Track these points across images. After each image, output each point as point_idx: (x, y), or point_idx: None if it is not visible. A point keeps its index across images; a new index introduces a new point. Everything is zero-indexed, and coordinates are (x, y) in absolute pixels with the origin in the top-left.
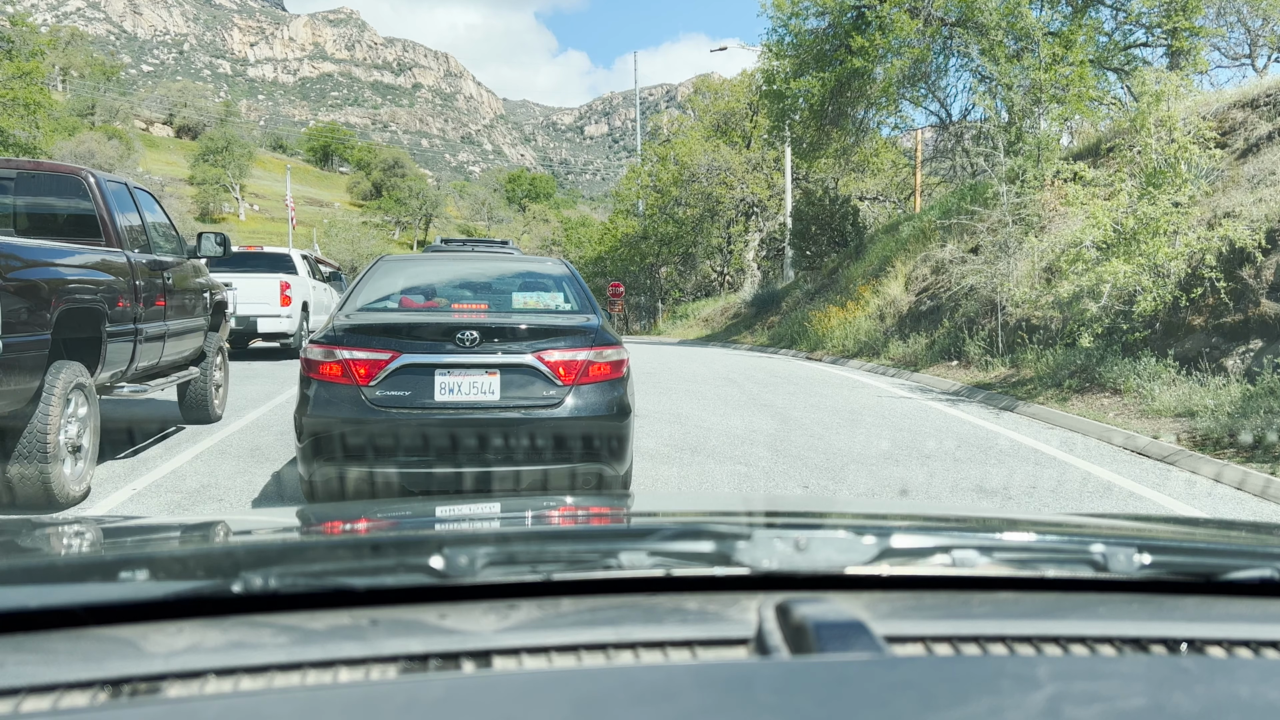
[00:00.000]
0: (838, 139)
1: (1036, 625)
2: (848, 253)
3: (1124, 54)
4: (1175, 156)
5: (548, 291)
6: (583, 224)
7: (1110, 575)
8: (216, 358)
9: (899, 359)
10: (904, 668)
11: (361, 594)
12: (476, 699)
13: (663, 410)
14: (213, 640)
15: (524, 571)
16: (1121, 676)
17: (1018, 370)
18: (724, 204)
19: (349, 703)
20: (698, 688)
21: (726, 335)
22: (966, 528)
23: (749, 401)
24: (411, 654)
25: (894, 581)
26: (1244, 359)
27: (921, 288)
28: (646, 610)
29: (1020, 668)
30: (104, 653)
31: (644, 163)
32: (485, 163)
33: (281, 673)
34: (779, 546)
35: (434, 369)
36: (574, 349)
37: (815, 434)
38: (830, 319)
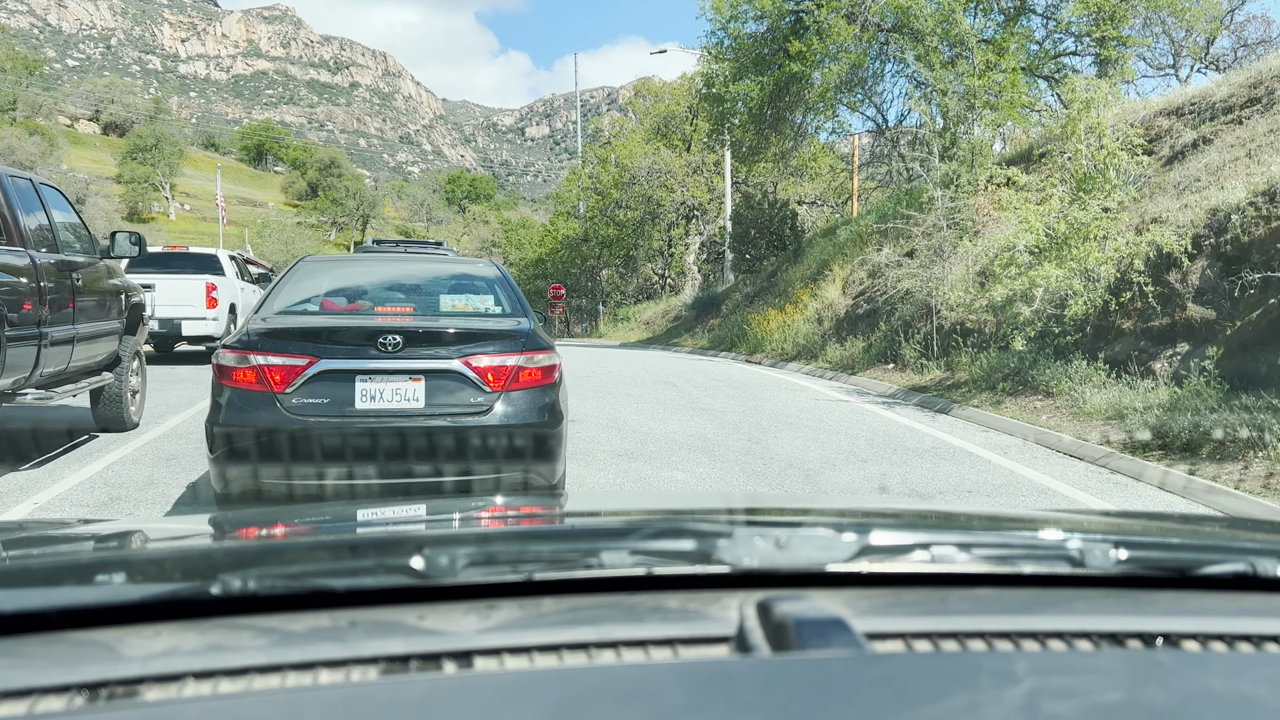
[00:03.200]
0: (776, 143)
1: (1014, 621)
2: (786, 256)
3: (1054, 62)
4: (1104, 163)
5: (478, 294)
6: (523, 226)
7: (1087, 571)
8: (133, 362)
9: (836, 362)
10: (884, 664)
11: (341, 595)
12: (458, 699)
13: (600, 415)
14: (191, 643)
15: (505, 571)
16: (1098, 671)
17: (953, 373)
18: (664, 207)
19: (330, 704)
20: (679, 686)
21: (667, 338)
22: (946, 525)
23: (688, 406)
24: (392, 655)
25: (874, 579)
26: (1171, 362)
27: (858, 291)
28: (628, 609)
29: (998, 663)
30: (80, 656)
31: (585, 165)
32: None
33: (261, 675)
34: (760, 544)
35: (354, 375)
36: (503, 354)
37: (753, 438)
38: (769, 322)
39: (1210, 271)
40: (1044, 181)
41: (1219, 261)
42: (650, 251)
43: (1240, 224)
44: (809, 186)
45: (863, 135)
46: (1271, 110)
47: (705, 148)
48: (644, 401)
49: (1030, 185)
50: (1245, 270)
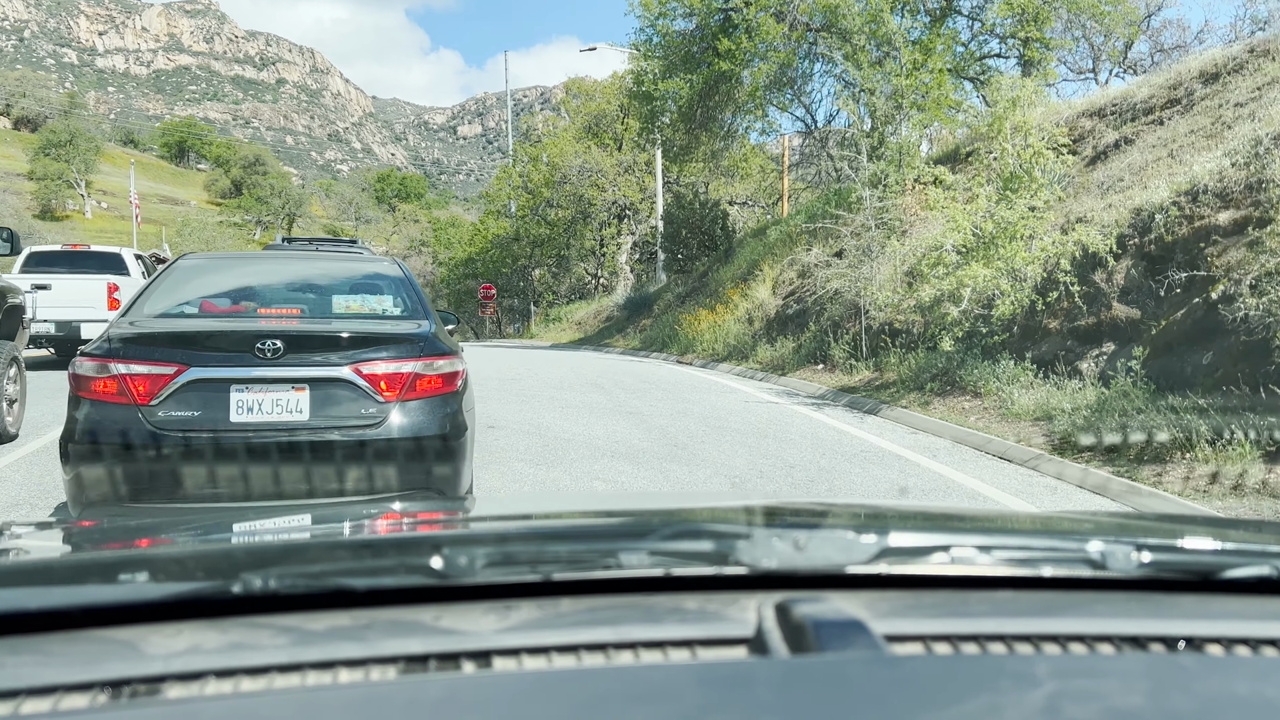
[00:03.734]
0: (707, 142)
1: (1035, 624)
2: (718, 256)
3: (979, 64)
4: (1030, 162)
5: (376, 295)
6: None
7: (1108, 574)
8: (9, 369)
9: (767, 362)
10: (903, 666)
11: (361, 595)
12: (477, 699)
13: (522, 420)
14: (212, 641)
15: (523, 571)
16: (1120, 674)
17: (881, 374)
18: (596, 206)
19: (349, 703)
20: (698, 687)
21: (599, 338)
22: (965, 527)
23: (615, 409)
24: (411, 654)
25: (893, 580)
26: (1098, 362)
27: (788, 291)
28: (646, 610)
29: (1019, 666)
30: (103, 654)
31: (515, 163)
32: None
33: (281, 674)
34: (778, 546)
35: (229, 385)
36: (399, 360)
37: (680, 443)
38: (700, 322)
39: (1135, 271)
40: (971, 181)
41: (1144, 261)
42: (583, 251)
43: (1164, 224)
44: (740, 187)
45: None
46: (1191, 111)
47: (636, 147)
48: (569, 405)
49: (957, 184)
50: (1170, 270)
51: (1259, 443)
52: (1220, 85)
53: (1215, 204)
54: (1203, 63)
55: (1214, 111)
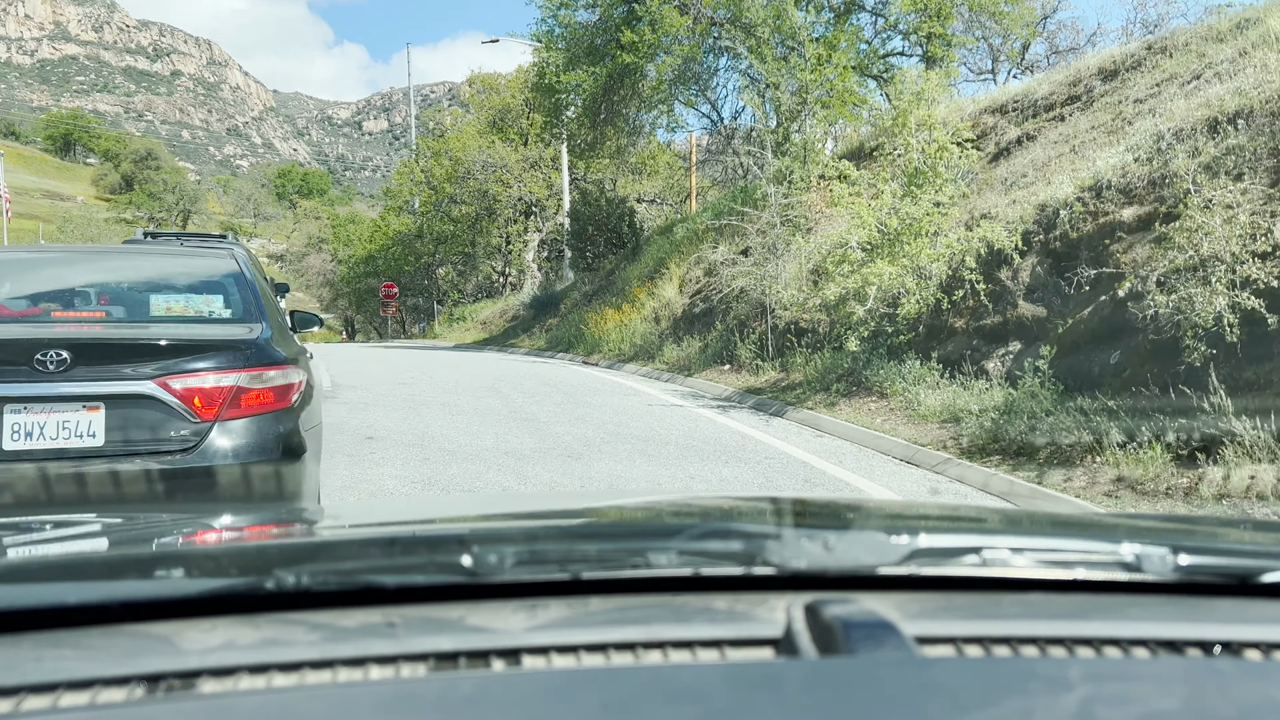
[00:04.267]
0: (612, 138)
1: (1068, 626)
2: (625, 254)
3: (883, 61)
4: (935, 156)
5: (204, 295)
6: (352, 221)
7: (1144, 577)
8: None
9: (673, 363)
10: (934, 668)
11: (392, 592)
12: (506, 697)
13: (405, 430)
14: (246, 637)
15: (552, 570)
16: (1155, 678)
17: (788, 374)
18: (501, 202)
19: (380, 700)
20: (726, 687)
21: (504, 339)
22: (997, 528)
23: (510, 415)
24: (441, 652)
25: (924, 582)
26: (1004, 361)
27: (695, 290)
28: (675, 609)
29: (1052, 669)
30: (140, 649)
31: (418, 158)
32: (255, 157)
33: (313, 670)
34: (808, 546)
35: (1, 404)
36: (219, 371)
37: (574, 453)
38: (606, 322)
39: (1040, 268)
40: (876, 176)
41: (1049, 258)
42: (489, 249)
43: (1069, 220)
44: (648, 184)
45: (700, 134)
46: (1092, 107)
47: (541, 142)
48: (461, 412)
49: (862, 179)
50: (1079, 267)
51: (1170, 446)
52: (1119, 82)
53: (1119, 200)
54: (1101, 60)
55: (1114, 108)
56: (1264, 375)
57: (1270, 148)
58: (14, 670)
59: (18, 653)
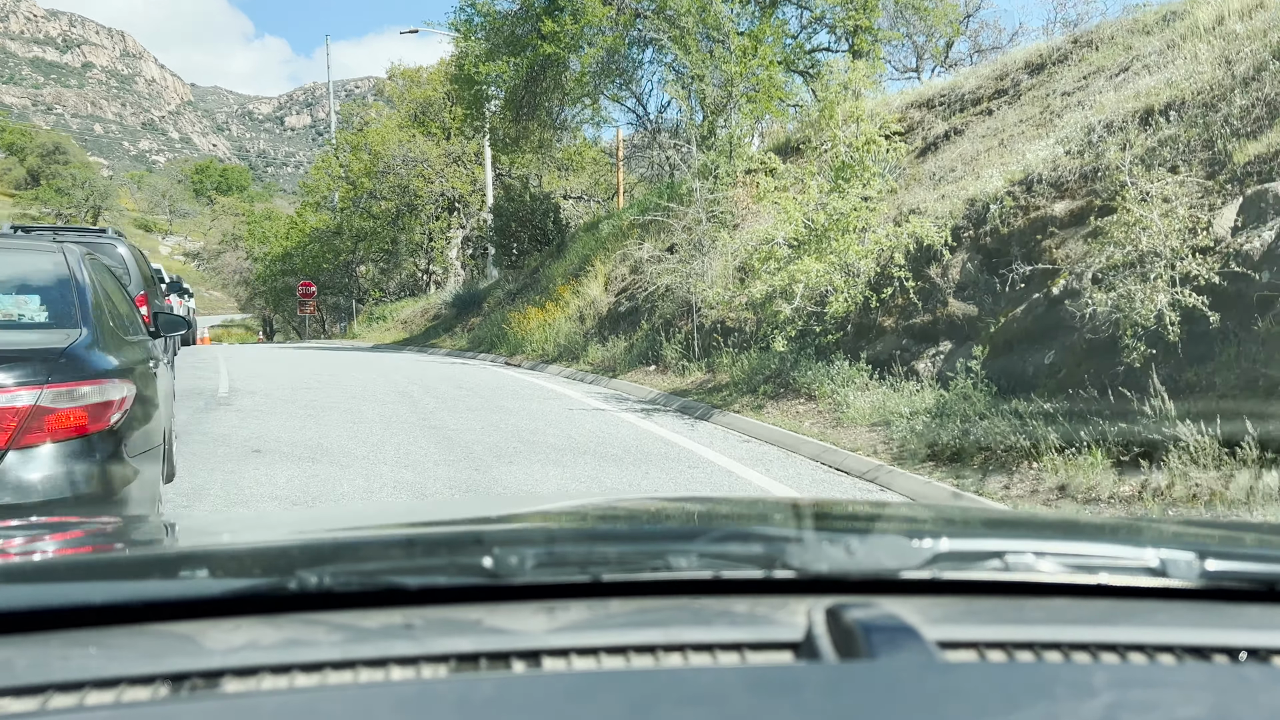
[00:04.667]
0: (535, 132)
1: (1092, 632)
2: (550, 252)
3: (809, 57)
4: (862, 149)
5: (11, 296)
6: (268, 217)
7: (1170, 582)
8: None
9: (598, 364)
10: (956, 673)
11: (413, 593)
12: (527, 698)
13: (300, 441)
14: (269, 637)
15: (573, 572)
16: (1181, 685)
17: (714, 375)
18: (423, 198)
19: (402, 700)
20: (746, 690)
21: (425, 339)
22: (1020, 532)
23: (418, 424)
24: (462, 653)
25: (946, 586)
26: (935, 362)
27: (621, 288)
28: (695, 612)
29: (1076, 675)
30: (165, 648)
31: (337, 152)
32: (172, 152)
33: (335, 670)
34: (829, 550)
35: None
36: (13, 387)
37: (483, 466)
38: (530, 321)
39: (971, 265)
40: (803, 171)
41: (980, 254)
42: (411, 246)
43: (999, 214)
44: (575, 181)
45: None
46: (1019, 101)
47: (463, 136)
48: (364, 420)
49: (788, 173)
50: (1010, 263)
51: (1111, 451)
52: (1046, 76)
53: (1050, 194)
54: (1028, 54)
55: (1042, 101)
56: (1205, 376)
57: (1204, 139)
58: (42, 669)
59: (45, 651)
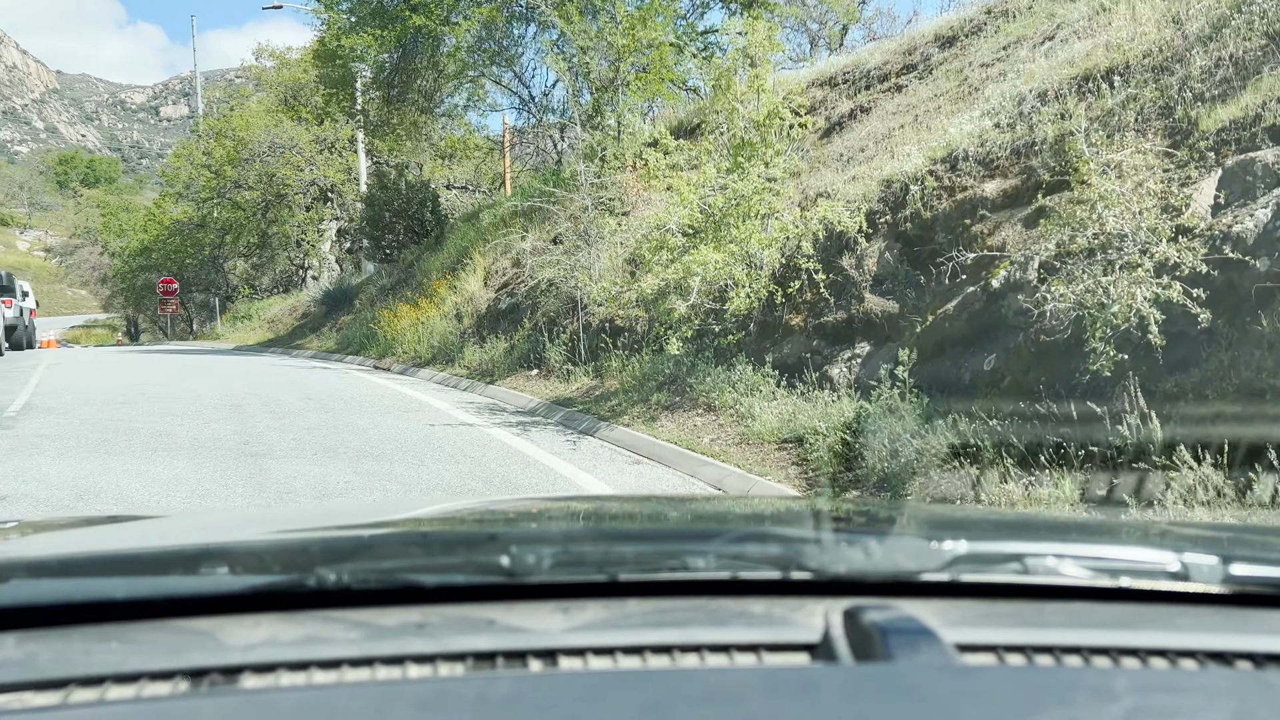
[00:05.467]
0: (408, 115)
1: (1113, 636)
2: (428, 244)
3: (702, 39)
4: (765, 123)
5: None
6: (125, 209)
7: (1192, 586)
8: None
9: (475, 367)
10: (974, 676)
11: (430, 591)
12: (544, 697)
13: (70, 482)
14: (287, 633)
15: (590, 572)
16: (1203, 690)
17: (603, 381)
18: (292, 187)
19: (419, 698)
20: (763, 691)
21: (291, 339)
22: (1041, 535)
23: (236, 452)
24: (479, 651)
25: (965, 589)
26: (851, 367)
27: (502, 283)
28: (712, 613)
29: (1096, 679)
30: (184, 644)
31: (201, 138)
32: (36, 142)
33: (353, 667)
34: (847, 551)
35: None
36: None
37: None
38: (401, 320)
39: (890, 255)
40: (698, 149)
41: (899, 242)
42: (284, 239)
43: (920, 196)
44: (460, 170)
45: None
46: (931, 75)
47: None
48: (171, 448)
49: (681, 150)
50: (935, 252)
51: (1081, 481)
52: (959, 49)
53: (979, 172)
54: (938, 26)
55: (957, 74)
56: (1190, 386)
57: (1160, 105)
58: (64, 662)
59: (68, 645)
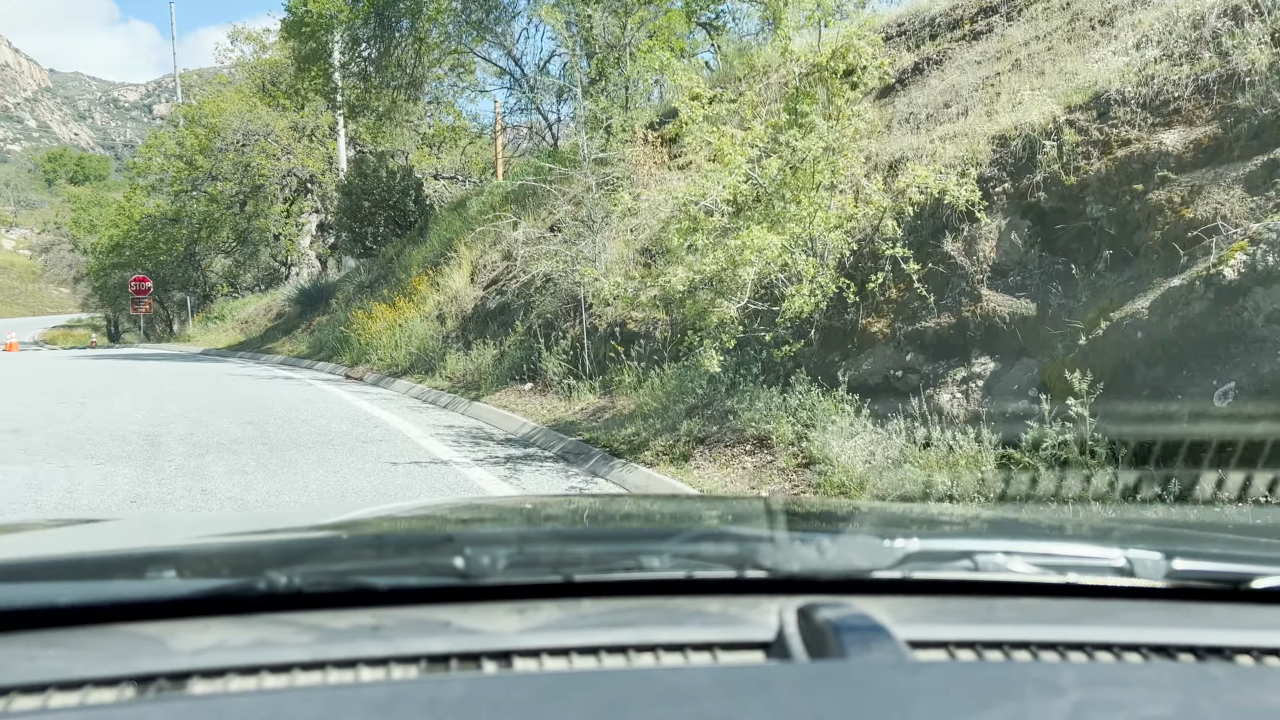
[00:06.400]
0: (386, 93)
1: (1061, 631)
2: (411, 236)
3: (713, 7)
4: (833, 63)
5: None
6: (96, 203)
7: (1137, 582)
8: None
9: (459, 378)
10: (926, 673)
11: (384, 593)
12: (498, 699)
13: None
14: (237, 638)
15: (545, 572)
16: (1147, 684)
17: (612, 400)
18: (268, 177)
19: (371, 701)
20: (718, 690)
21: (262, 342)
22: (991, 532)
23: (121, 507)
24: (433, 654)
25: (916, 586)
26: (969, 391)
27: (491, 279)
28: (667, 612)
29: (1044, 674)
30: (131, 649)
31: (172, 124)
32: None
33: (304, 671)
34: (801, 550)
35: None
36: None
37: None
38: (377, 322)
39: (1016, 236)
40: (740, 101)
41: (1027, 218)
42: (264, 234)
43: (1058, 155)
44: (448, 159)
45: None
46: (1021, 16)
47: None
48: (29, 506)
49: (721, 98)
50: (1082, 230)
51: None
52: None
53: (1146, 120)
54: None
55: (1063, 11)
56: None
57: None
58: (6, 670)
59: (10, 652)
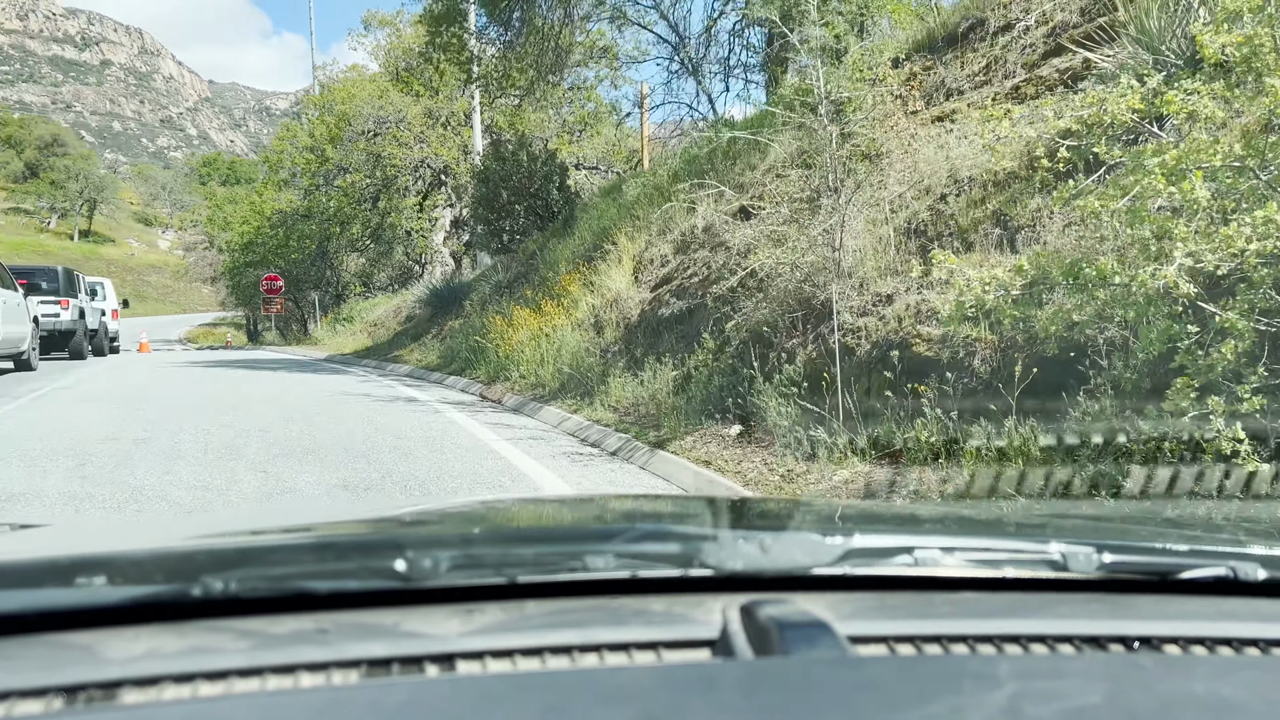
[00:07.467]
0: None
1: (997, 624)
2: (554, 229)
3: None
4: None
5: None
6: (231, 200)
7: (1070, 575)
8: None
9: (627, 408)
10: (867, 667)
11: (324, 598)
12: (440, 702)
13: None
14: (171, 645)
15: (488, 574)
16: (1080, 674)
17: (899, 471)
18: (399, 167)
19: (311, 707)
20: (662, 689)
21: (390, 348)
22: (930, 529)
23: None
24: (374, 658)
25: (858, 582)
26: None
27: (661, 277)
28: (612, 612)
29: (981, 667)
30: (59, 659)
31: (303, 115)
32: (190, 148)
33: (241, 678)
34: (744, 548)
35: None
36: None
37: None
38: (518, 330)
39: None
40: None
41: None
42: (397, 231)
43: None
44: (590, 147)
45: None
46: None
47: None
48: None
49: None
50: None
51: None
52: None
53: None
54: None
55: None
56: None
57: None
58: None
59: None
